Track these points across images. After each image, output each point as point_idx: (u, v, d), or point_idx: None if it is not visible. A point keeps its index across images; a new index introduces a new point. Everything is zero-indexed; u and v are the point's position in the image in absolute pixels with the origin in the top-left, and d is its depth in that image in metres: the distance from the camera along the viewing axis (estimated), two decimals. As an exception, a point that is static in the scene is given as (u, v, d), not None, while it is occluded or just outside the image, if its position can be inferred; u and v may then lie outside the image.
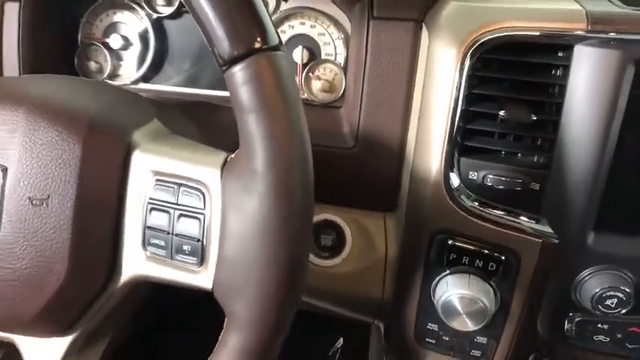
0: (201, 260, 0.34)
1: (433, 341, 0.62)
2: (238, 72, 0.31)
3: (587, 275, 0.51)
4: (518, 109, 0.50)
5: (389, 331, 0.70)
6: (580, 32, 0.47)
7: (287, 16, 0.70)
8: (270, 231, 0.31)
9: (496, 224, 0.53)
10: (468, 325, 0.55)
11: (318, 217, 0.66)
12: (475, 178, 0.53)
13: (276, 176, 0.31)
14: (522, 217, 0.52)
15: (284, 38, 0.71)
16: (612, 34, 0.47)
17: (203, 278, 0.34)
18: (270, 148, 0.31)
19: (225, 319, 0.34)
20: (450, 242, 0.55)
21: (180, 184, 0.35)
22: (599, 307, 0.50)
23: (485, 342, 0.60)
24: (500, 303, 0.56)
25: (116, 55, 0.76)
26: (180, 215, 0.35)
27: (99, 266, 0.36)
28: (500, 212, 0.53)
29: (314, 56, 0.70)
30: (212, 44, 0.31)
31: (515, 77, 0.50)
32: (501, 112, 0.51)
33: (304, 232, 0.33)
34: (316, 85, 0.71)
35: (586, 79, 0.47)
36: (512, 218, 0.52)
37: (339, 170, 0.63)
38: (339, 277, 0.66)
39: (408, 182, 0.59)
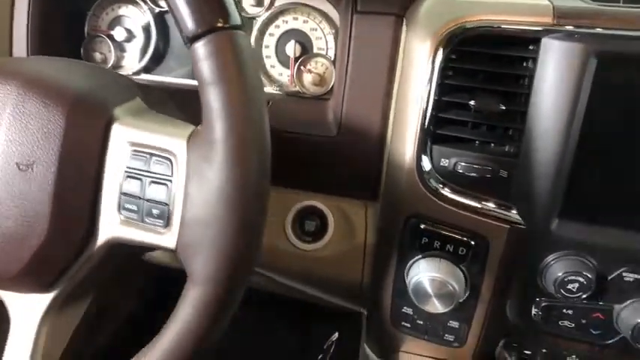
0: (167, 223, 0.38)
1: (408, 325, 0.65)
2: (200, 47, 0.34)
3: (552, 260, 0.53)
4: (488, 99, 0.52)
5: (369, 318, 0.72)
6: (546, 26, 0.50)
7: (281, 12, 0.73)
8: (226, 196, 0.34)
9: (466, 210, 0.55)
10: (438, 308, 0.57)
11: (303, 204, 0.69)
12: (447, 165, 0.55)
13: (232, 145, 0.34)
14: (491, 204, 0.54)
15: (278, 33, 0.74)
16: (576, 28, 0.49)
17: (167, 239, 0.38)
18: (226, 119, 0.34)
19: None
20: (422, 226, 0.57)
21: (152, 154, 0.38)
22: (562, 291, 0.52)
23: (457, 326, 0.62)
24: (470, 287, 0.58)
25: (120, 47, 0.80)
26: (151, 182, 0.38)
27: (78, 228, 0.40)
28: (469, 198, 0.55)
29: (306, 50, 0.73)
30: (179, 24, 0.35)
31: (486, 69, 0.52)
32: (472, 102, 0.53)
33: (259, 198, 0.35)
34: (307, 78, 0.74)
35: (552, 71, 0.49)
36: (481, 204, 0.54)
37: (324, 158, 0.66)
38: (320, 261, 0.68)
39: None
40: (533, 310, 0.56)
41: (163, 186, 0.38)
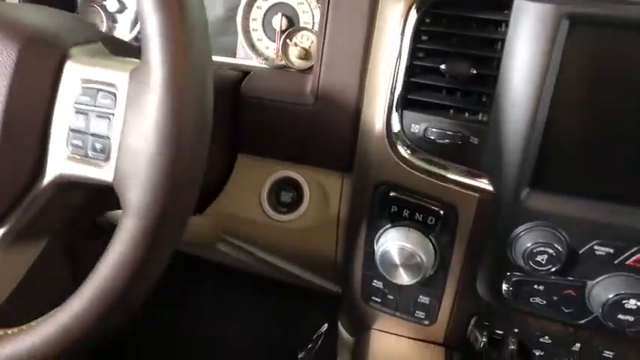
0: (107, 156, 0.37)
1: (379, 300, 0.63)
2: None
3: (522, 232, 0.51)
4: (460, 63, 0.51)
5: (342, 295, 0.71)
6: (518, -14, 0.48)
7: (269, -15, 0.74)
8: (160, 125, 0.33)
9: (435, 177, 0.53)
10: (405, 279, 0.55)
11: (279, 175, 0.69)
12: (417, 131, 0.54)
13: (168, 72, 0.33)
14: (461, 172, 0.53)
15: (265, 6, 0.74)
16: (548, -11, 0.47)
17: (106, 172, 0.37)
18: (162, 45, 0.33)
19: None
20: (391, 194, 0.56)
21: (99, 89, 0.38)
22: (530, 263, 0.50)
23: (427, 302, 0.60)
24: (439, 260, 0.57)
25: (112, 17, 0.81)
26: (96, 116, 0.38)
27: (26, 163, 0.40)
28: (439, 166, 0.53)
29: (292, 24, 0.73)
30: None
31: (459, 32, 0.51)
32: (442, 66, 0.52)
33: (197, 128, 0.35)
34: (293, 52, 0.74)
35: (524, 33, 0.48)
36: (450, 172, 0.53)
37: (301, 127, 0.65)
38: (295, 233, 0.68)
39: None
40: (504, 286, 0.54)
41: (106, 119, 0.37)
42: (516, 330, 0.58)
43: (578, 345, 0.57)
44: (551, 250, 0.49)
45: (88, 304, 0.36)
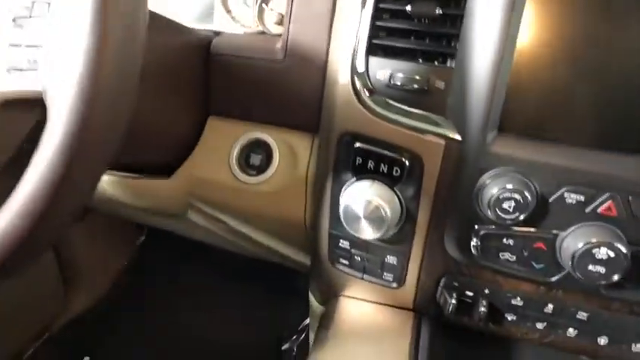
0: (37, 66, 0.36)
1: (346, 262, 0.61)
2: None
3: (489, 179, 0.48)
4: (426, 4, 0.50)
5: (312, 262, 0.68)
6: None
7: (245, -51, 0.73)
8: (84, 43, 0.32)
9: (399, 124, 0.51)
10: (368, 232, 0.53)
11: (249, 136, 0.67)
12: (382, 78, 0.52)
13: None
14: (426, 118, 0.51)
15: (243, -29, 0.73)
16: None
17: (36, 82, 0.36)
18: None
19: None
20: (356, 145, 0.54)
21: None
22: (497, 210, 0.47)
23: (395, 263, 0.58)
24: (406, 214, 0.54)
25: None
26: (31, 27, 0.37)
27: None
28: (403, 112, 0.51)
29: (268, -12, 0.72)
30: None
31: None
32: (408, 7, 0.50)
33: (124, 36, 0.33)
34: (270, 17, 0.72)
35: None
36: (415, 120, 0.51)
37: (271, 85, 0.64)
38: (263, 196, 0.65)
39: (327, 91, 0.58)
40: (473, 241, 0.52)
41: (38, 29, 0.36)
42: (487, 291, 0.56)
43: (550, 306, 0.54)
44: (518, 196, 0.47)
45: (10, 219, 0.34)
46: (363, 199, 0.52)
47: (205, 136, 0.68)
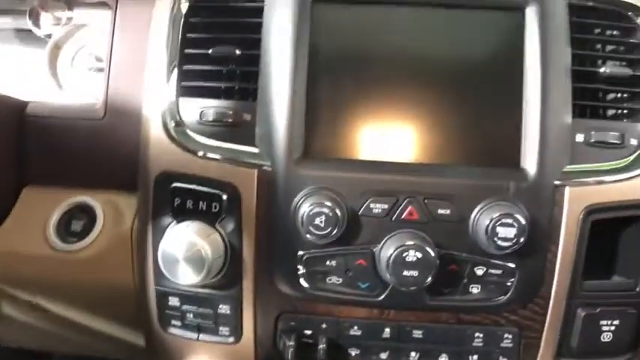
0: None
1: (178, 323, 0.55)
2: None
3: (301, 200, 0.49)
4: (225, 47, 0.53)
5: (146, 335, 0.61)
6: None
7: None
8: None
9: (212, 159, 0.51)
10: (188, 275, 0.49)
11: (69, 202, 0.62)
12: (194, 116, 0.53)
13: None
14: (235, 149, 0.51)
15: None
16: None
17: None
18: None
19: None
20: (173, 185, 0.52)
21: None
22: (310, 228, 0.47)
23: (229, 312, 0.54)
24: (230, 251, 0.52)
25: None
26: None
27: None
28: (212, 147, 0.52)
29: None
30: None
31: (222, 20, 0.54)
32: (210, 51, 0.53)
33: None
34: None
35: (276, 16, 0.51)
36: (225, 152, 0.52)
37: (92, 145, 0.61)
38: (86, 262, 0.59)
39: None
40: (299, 270, 0.50)
41: None
42: (324, 325, 0.53)
43: (387, 330, 0.53)
44: (327, 210, 0.47)
45: None
46: (180, 240, 0.50)
47: (19, 207, 0.62)
